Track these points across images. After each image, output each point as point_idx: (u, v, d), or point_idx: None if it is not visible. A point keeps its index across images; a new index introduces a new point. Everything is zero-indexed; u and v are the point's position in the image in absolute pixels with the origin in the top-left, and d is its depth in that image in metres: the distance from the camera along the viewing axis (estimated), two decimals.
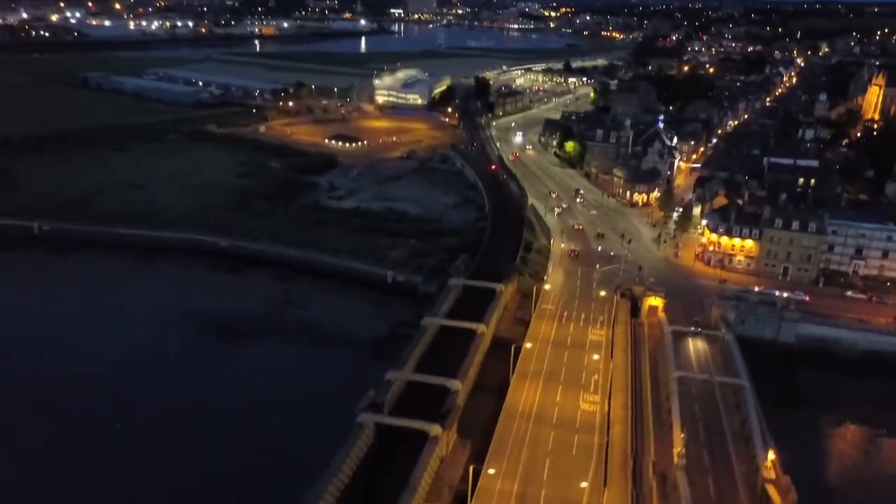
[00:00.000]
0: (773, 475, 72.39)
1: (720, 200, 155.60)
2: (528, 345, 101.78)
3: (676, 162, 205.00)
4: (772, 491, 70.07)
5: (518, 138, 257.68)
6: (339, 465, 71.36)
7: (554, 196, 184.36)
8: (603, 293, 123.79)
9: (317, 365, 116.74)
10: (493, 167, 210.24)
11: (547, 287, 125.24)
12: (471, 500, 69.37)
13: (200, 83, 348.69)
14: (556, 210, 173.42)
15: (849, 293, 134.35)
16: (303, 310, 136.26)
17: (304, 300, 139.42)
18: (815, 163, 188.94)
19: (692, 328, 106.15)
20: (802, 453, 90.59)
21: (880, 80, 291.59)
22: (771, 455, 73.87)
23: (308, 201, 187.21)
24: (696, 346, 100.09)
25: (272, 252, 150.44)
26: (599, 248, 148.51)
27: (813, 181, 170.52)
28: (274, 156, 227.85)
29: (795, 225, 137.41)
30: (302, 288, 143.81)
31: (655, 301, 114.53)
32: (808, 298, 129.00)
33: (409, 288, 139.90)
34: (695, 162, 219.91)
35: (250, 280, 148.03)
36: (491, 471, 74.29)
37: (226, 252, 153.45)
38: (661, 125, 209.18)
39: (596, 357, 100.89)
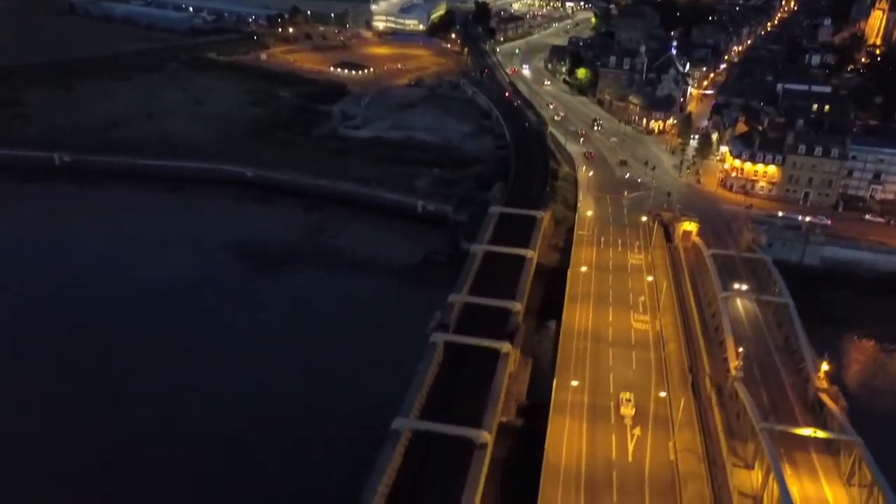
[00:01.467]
0: (825, 385, 77.38)
1: (741, 127, 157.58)
2: (580, 269, 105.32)
3: (689, 88, 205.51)
4: (826, 399, 75.10)
5: (525, 70, 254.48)
6: (420, 382, 74.98)
7: (558, 117, 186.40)
8: (635, 219, 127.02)
9: (360, 292, 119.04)
10: (507, 94, 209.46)
11: (580, 214, 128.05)
12: (551, 411, 73.84)
13: (191, 9, 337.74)
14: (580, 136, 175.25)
15: (867, 217, 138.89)
16: (335, 239, 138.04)
17: (335, 229, 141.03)
18: (827, 89, 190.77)
19: (732, 252, 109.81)
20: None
21: (884, 3, 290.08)
22: (825, 366, 78.74)
23: (324, 130, 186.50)
24: (737, 269, 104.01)
25: (299, 182, 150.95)
26: (628, 176, 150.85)
27: (827, 107, 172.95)
28: (281, 84, 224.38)
29: (818, 150, 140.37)
30: (332, 217, 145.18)
31: (689, 226, 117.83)
32: (829, 222, 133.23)
33: (439, 217, 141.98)
34: (706, 88, 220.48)
35: (278, 210, 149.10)
36: (560, 386, 78.62)
37: (251, 182, 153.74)
38: (674, 51, 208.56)
39: (639, 280, 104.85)
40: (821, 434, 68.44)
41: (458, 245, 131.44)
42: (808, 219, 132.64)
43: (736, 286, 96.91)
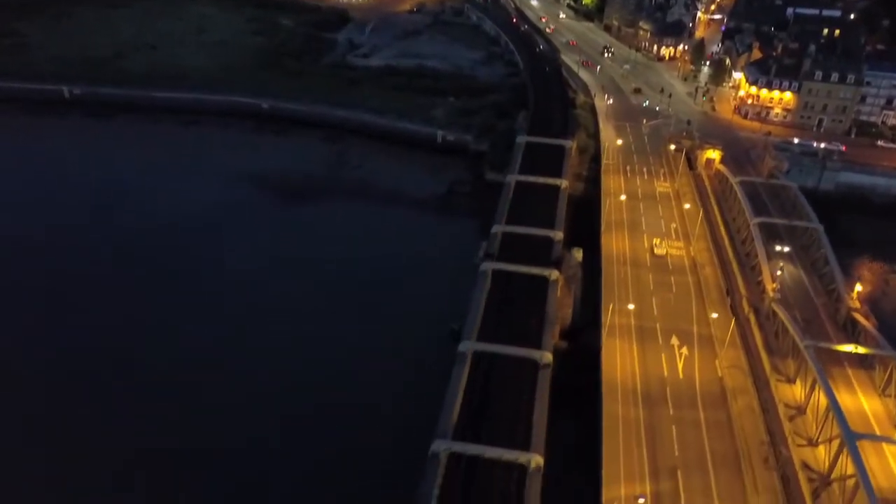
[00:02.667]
0: (857, 305, 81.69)
1: (755, 53, 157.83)
2: (611, 198, 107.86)
3: (698, 13, 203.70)
4: (859, 317, 79.50)
5: None
6: (476, 308, 78.23)
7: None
8: (657, 147, 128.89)
9: (390, 223, 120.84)
10: (514, 20, 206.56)
11: (603, 143, 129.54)
12: (604, 333, 77.73)
13: None
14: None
15: (880, 143, 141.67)
16: (357, 170, 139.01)
17: (356, 161, 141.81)
18: (837, 13, 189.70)
19: (759, 179, 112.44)
20: None
21: None
22: (858, 287, 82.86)
23: (333, 59, 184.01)
24: (762, 195, 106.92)
25: (317, 113, 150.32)
26: (647, 104, 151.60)
27: (837, 32, 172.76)
28: (280, 12, 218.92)
29: (834, 77, 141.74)
30: (351, 149, 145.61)
31: (713, 154, 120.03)
32: (844, 148, 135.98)
33: (459, 147, 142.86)
34: (712, 13, 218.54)
35: (297, 141, 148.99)
36: (607, 310, 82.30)
37: (269, 114, 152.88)
38: None
39: (668, 207, 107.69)
40: (861, 350, 72.86)
41: (482, 175, 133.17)
42: (822, 145, 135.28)
43: (768, 212, 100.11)
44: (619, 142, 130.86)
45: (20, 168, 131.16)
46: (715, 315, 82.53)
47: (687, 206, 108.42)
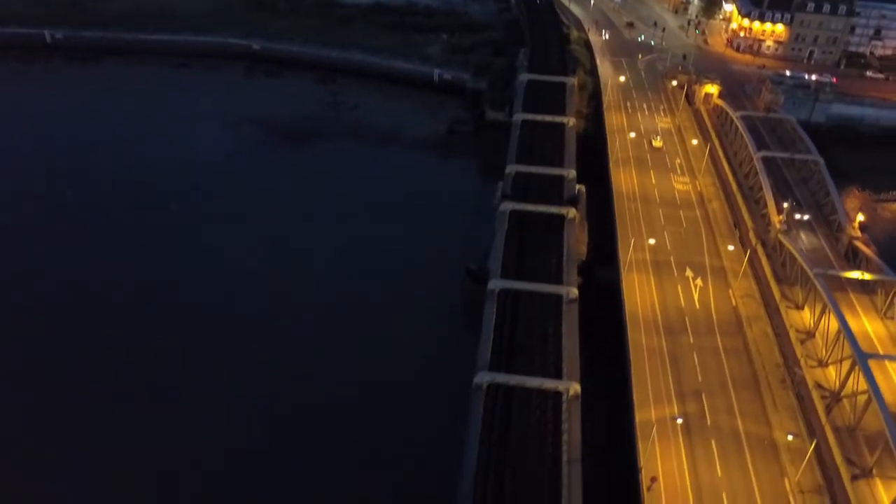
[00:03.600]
0: (858, 234, 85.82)
1: None
2: (615, 134, 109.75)
3: None
4: (860, 246, 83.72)
5: None
6: (499, 246, 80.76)
7: None
8: (654, 82, 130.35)
9: (393, 163, 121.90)
10: None
11: (602, 80, 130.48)
12: (624, 269, 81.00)
13: None
14: None
15: (868, 73, 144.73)
16: (355, 111, 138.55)
17: (353, 101, 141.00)
18: None
19: (758, 113, 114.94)
20: None
21: None
22: (860, 217, 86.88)
23: None
24: (764, 129, 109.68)
25: (310, 53, 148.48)
26: (642, 39, 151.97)
27: None
28: None
29: (826, 7, 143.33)
30: (347, 89, 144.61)
31: (711, 88, 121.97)
32: (834, 80, 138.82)
33: (457, 85, 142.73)
34: None
35: (291, 83, 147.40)
36: (624, 245, 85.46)
37: (260, 55, 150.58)
38: None
39: (671, 143, 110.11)
40: (866, 276, 77.17)
41: (482, 114, 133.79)
42: (814, 77, 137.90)
43: (769, 145, 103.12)
44: (622, 78, 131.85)
45: (5, 119, 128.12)
46: (731, 248, 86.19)
47: (688, 141, 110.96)
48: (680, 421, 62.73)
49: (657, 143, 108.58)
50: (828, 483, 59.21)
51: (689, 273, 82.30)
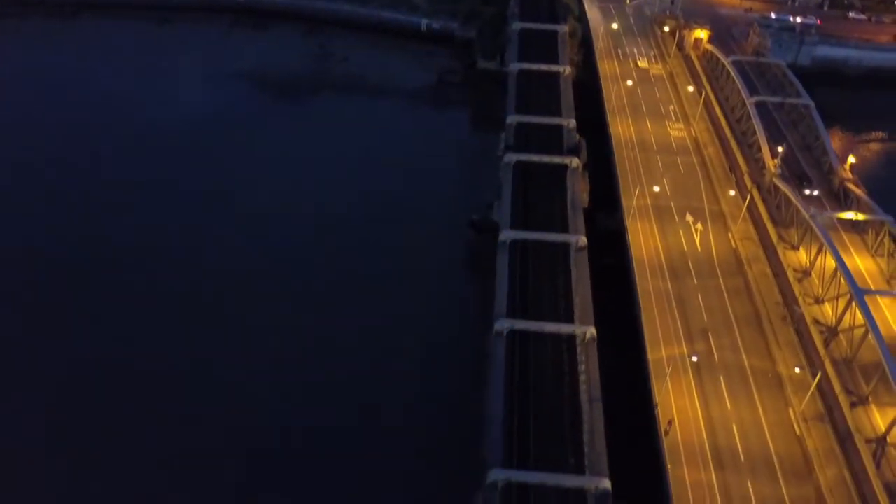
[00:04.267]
0: (849, 175, 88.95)
1: None
2: (610, 82, 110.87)
3: None
4: (851, 187, 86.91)
5: None
6: (507, 197, 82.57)
7: None
8: (643, 28, 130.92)
9: (385, 115, 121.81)
10: None
11: (592, 27, 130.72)
12: (626, 215, 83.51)
13: None
14: None
15: (851, 15, 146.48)
16: (344, 63, 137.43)
17: (341, 54, 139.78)
18: None
19: (749, 58, 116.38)
20: None
21: None
22: (851, 159, 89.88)
23: None
24: (753, 74, 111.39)
25: (296, 5, 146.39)
26: None
27: None
28: None
29: None
30: (335, 41, 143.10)
31: (700, 33, 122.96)
32: (818, 22, 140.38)
33: (445, 35, 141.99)
34: None
35: (278, 36, 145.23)
36: (626, 192, 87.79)
37: (244, 8, 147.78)
38: None
39: (664, 90, 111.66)
40: (860, 216, 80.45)
41: (472, 64, 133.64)
42: (799, 19, 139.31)
43: (760, 90, 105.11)
44: (606, 24, 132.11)
45: None
46: (730, 193, 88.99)
47: (681, 87, 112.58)
48: (695, 359, 66.23)
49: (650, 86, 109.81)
50: (829, 411, 63.37)
51: (689, 218, 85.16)
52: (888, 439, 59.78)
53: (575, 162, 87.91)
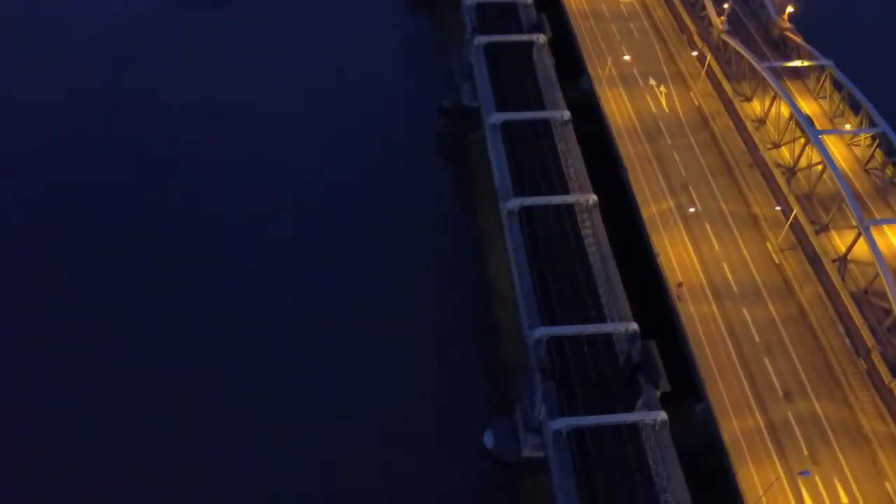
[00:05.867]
0: (788, 25, 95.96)
1: None
2: None
3: None
4: (791, 35, 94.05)
5: None
6: (483, 80, 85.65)
7: None
8: None
9: (329, 8, 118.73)
10: None
11: None
12: (595, 84, 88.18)
13: None
14: None
15: None
16: None
17: None
18: None
19: None
20: None
21: None
22: (790, 9, 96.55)
23: None
24: None
25: None
26: None
27: None
28: None
29: None
30: None
31: None
32: None
33: None
34: None
35: None
36: (591, 64, 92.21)
37: None
38: None
39: None
40: (806, 63, 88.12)
41: None
42: None
43: None
44: None
45: None
46: (686, 53, 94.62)
47: None
48: (692, 210, 74.46)
49: None
50: (798, 240, 73.16)
51: (652, 82, 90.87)
52: (848, 257, 70.37)
53: (542, 38, 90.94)
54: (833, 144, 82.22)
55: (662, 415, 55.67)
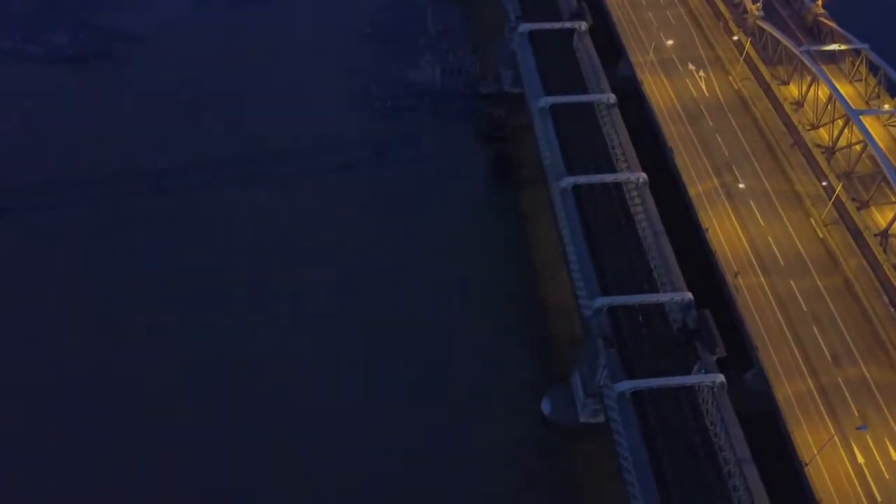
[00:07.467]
0: (822, 10, 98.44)
1: None
2: None
3: None
4: (825, 21, 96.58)
5: None
6: (528, 66, 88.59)
7: None
8: None
9: None
10: None
11: None
12: (637, 71, 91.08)
13: None
14: None
15: None
16: None
17: None
18: None
19: None
20: None
21: None
22: None
23: None
24: None
25: None
26: None
27: None
28: None
29: None
30: None
31: None
32: None
33: None
34: None
35: None
36: (632, 51, 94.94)
37: None
38: None
39: None
40: (843, 47, 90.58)
41: None
42: None
43: None
44: None
45: None
46: (725, 38, 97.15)
47: None
48: (741, 185, 77.78)
49: None
50: (840, 216, 75.89)
51: (691, 67, 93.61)
52: (890, 232, 73.07)
53: (583, 26, 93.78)
54: (870, 125, 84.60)
55: (721, 377, 58.64)
